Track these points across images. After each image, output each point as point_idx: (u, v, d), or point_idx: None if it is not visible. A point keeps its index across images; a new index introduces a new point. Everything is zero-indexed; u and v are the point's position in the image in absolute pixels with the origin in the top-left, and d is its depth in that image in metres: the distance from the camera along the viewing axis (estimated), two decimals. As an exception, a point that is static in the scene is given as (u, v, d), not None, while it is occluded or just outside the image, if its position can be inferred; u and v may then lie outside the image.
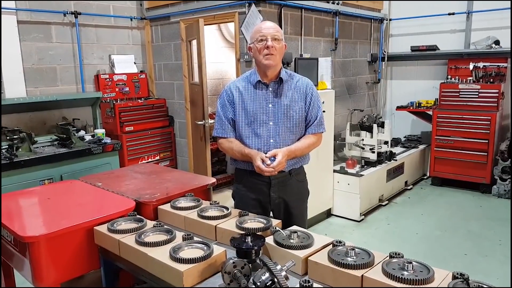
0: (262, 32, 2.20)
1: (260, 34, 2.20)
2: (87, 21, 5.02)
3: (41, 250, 1.87)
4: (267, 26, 2.23)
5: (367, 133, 5.16)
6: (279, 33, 2.23)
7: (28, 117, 4.38)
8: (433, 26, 6.31)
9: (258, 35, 2.21)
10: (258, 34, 2.21)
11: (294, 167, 2.37)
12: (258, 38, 2.20)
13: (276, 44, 2.19)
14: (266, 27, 2.22)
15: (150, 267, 1.68)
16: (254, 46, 2.23)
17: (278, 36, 2.21)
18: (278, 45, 2.20)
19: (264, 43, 2.18)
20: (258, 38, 2.20)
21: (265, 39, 2.18)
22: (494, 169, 5.40)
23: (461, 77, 5.78)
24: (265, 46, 2.18)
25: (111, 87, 5.20)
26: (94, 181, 2.66)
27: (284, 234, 1.74)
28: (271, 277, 1.41)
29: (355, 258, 1.52)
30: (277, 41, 2.20)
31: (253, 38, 2.24)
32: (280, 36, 2.22)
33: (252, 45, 2.26)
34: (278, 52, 2.21)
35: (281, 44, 2.23)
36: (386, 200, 5.33)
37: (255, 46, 2.23)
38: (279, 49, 2.22)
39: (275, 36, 2.19)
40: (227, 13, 4.65)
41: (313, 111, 2.34)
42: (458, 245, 4.09)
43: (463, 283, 1.33)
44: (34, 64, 4.61)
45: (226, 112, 2.33)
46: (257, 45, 2.21)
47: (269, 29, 2.21)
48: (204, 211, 2.09)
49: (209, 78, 5.93)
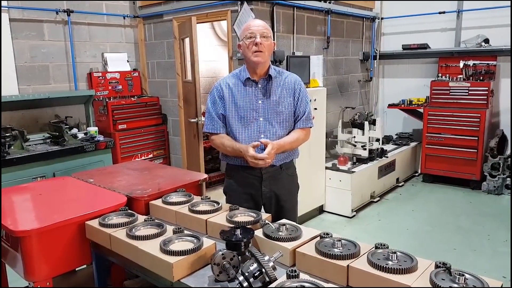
0: (251, 29, 2.24)
1: (249, 31, 2.24)
2: (80, 19, 5.02)
3: (33, 244, 1.88)
4: (256, 23, 2.28)
5: (358, 130, 5.21)
6: (268, 31, 2.28)
7: (20, 115, 4.37)
8: (424, 25, 6.37)
9: (247, 32, 2.25)
10: (247, 31, 2.25)
11: (285, 161, 2.41)
12: (247, 35, 2.25)
13: (264, 41, 2.24)
14: (255, 24, 2.27)
15: (141, 260, 1.71)
16: (244, 43, 2.28)
17: (267, 33, 2.26)
18: (266, 42, 2.25)
19: (253, 40, 2.22)
20: (247, 35, 2.25)
21: (254, 36, 2.22)
22: (484, 165, 5.47)
23: (452, 75, 5.85)
24: (254, 43, 2.22)
25: (104, 85, 5.20)
26: (86, 177, 2.68)
27: (273, 227, 1.77)
28: (259, 268, 1.44)
29: (341, 249, 1.56)
30: (266, 38, 2.25)
31: (243, 35, 2.29)
32: (268, 33, 2.27)
33: (242, 42, 2.30)
34: (267, 49, 2.26)
35: (269, 41, 2.28)
36: (378, 196, 5.38)
37: (244, 43, 2.27)
38: (268, 46, 2.26)
39: (264, 34, 2.24)
40: (220, 11, 4.67)
41: (301, 106, 2.38)
42: (448, 240, 4.15)
43: (445, 272, 1.37)
44: (27, 62, 4.60)
45: (216, 108, 2.36)
46: (246, 42, 2.25)
47: (258, 26, 2.25)
48: (195, 206, 2.11)
49: (202, 76, 5.95)
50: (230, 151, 2.32)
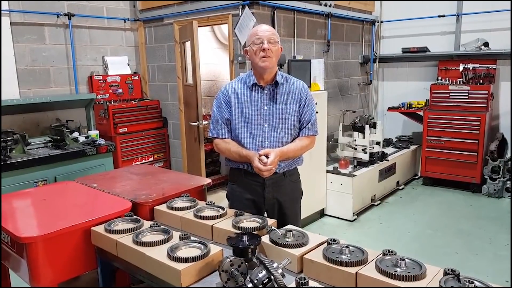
0: (258, 35, 2.23)
1: (256, 36, 2.23)
2: (81, 23, 5.02)
3: (39, 250, 1.88)
4: (263, 29, 2.26)
5: (359, 133, 5.21)
6: (275, 36, 2.26)
7: (21, 119, 4.37)
8: (423, 28, 6.39)
9: (254, 38, 2.24)
10: (255, 37, 2.24)
11: (288, 169, 2.40)
12: (254, 40, 2.24)
13: (272, 46, 2.22)
14: (262, 30, 2.26)
15: (148, 266, 1.71)
16: (251, 48, 2.26)
17: (274, 38, 2.24)
18: (274, 48, 2.24)
19: (260, 46, 2.21)
20: (254, 40, 2.24)
21: (261, 41, 2.21)
22: (484, 169, 5.48)
23: (451, 78, 5.87)
24: (261, 48, 2.21)
25: (105, 89, 5.20)
26: (89, 182, 2.67)
27: (280, 233, 1.77)
28: (268, 275, 1.44)
29: (349, 255, 1.56)
30: (273, 43, 2.23)
31: (250, 41, 2.28)
32: (276, 38, 2.26)
33: (249, 48, 2.29)
34: (274, 54, 2.25)
35: (277, 46, 2.27)
36: (379, 200, 5.39)
37: (251, 49, 2.26)
38: (275, 51, 2.25)
39: (271, 39, 2.23)
40: (221, 15, 4.68)
41: (307, 114, 2.37)
42: (449, 244, 4.16)
43: (454, 279, 1.38)
44: (28, 65, 4.59)
45: (222, 113, 2.36)
46: (254, 47, 2.24)
47: (265, 32, 2.24)
48: (200, 211, 2.11)
49: (203, 80, 5.95)
50: (237, 157, 2.31)
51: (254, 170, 2.19)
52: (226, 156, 2.41)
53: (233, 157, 2.34)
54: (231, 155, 2.35)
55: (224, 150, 2.37)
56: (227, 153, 2.36)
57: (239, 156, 2.29)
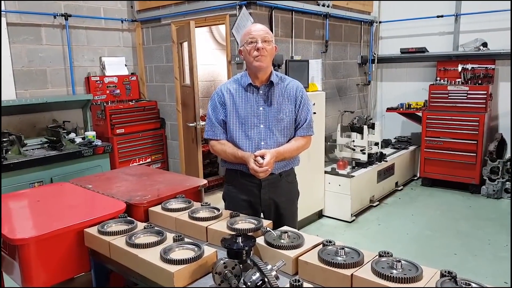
0: (252, 34, 2.21)
1: (250, 36, 2.21)
2: (78, 23, 5.00)
3: (31, 252, 1.85)
4: (256, 28, 2.24)
5: (357, 134, 5.19)
6: (269, 35, 2.24)
7: (17, 120, 4.34)
8: (422, 29, 6.38)
9: (248, 37, 2.21)
10: (248, 36, 2.22)
11: (285, 169, 2.38)
12: (248, 40, 2.21)
13: (266, 45, 2.20)
14: (256, 29, 2.23)
15: (141, 268, 1.68)
16: (245, 48, 2.24)
17: (268, 38, 2.22)
18: (268, 47, 2.21)
19: (254, 45, 2.19)
20: (248, 40, 2.21)
21: (255, 41, 2.19)
22: (483, 169, 5.47)
23: (450, 78, 5.85)
24: (255, 48, 2.18)
25: (102, 89, 5.17)
26: (84, 183, 2.65)
27: (275, 234, 1.75)
28: (262, 277, 1.42)
29: (345, 257, 1.54)
30: (267, 42, 2.21)
31: (243, 40, 2.25)
32: (270, 38, 2.23)
33: (243, 47, 2.26)
34: (269, 53, 2.22)
35: (271, 45, 2.24)
36: (377, 201, 5.37)
37: (245, 49, 2.24)
38: (270, 50, 2.23)
39: (265, 38, 2.20)
40: (218, 16, 4.66)
41: (303, 114, 2.35)
42: (448, 245, 4.13)
43: (450, 281, 1.35)
44: (24, 66, 4.57)
45: (217, 114, 2.33)
46: (247, 47, 2.22)
47: (259, 31, 2.22)
48: (195, 212, 2.09)
49: (201, 80, 5.94)
50: (232, 159, 2.29)
51: (250, 171, 2.17)
52: (222, 157, 2.39)
53: (229, 159, 2.32)
54: (226, 157, 2.32)
55: (219, 151, 2.35)
56: (222, 154, 2.34)
57: (235, 158, 2.27)
